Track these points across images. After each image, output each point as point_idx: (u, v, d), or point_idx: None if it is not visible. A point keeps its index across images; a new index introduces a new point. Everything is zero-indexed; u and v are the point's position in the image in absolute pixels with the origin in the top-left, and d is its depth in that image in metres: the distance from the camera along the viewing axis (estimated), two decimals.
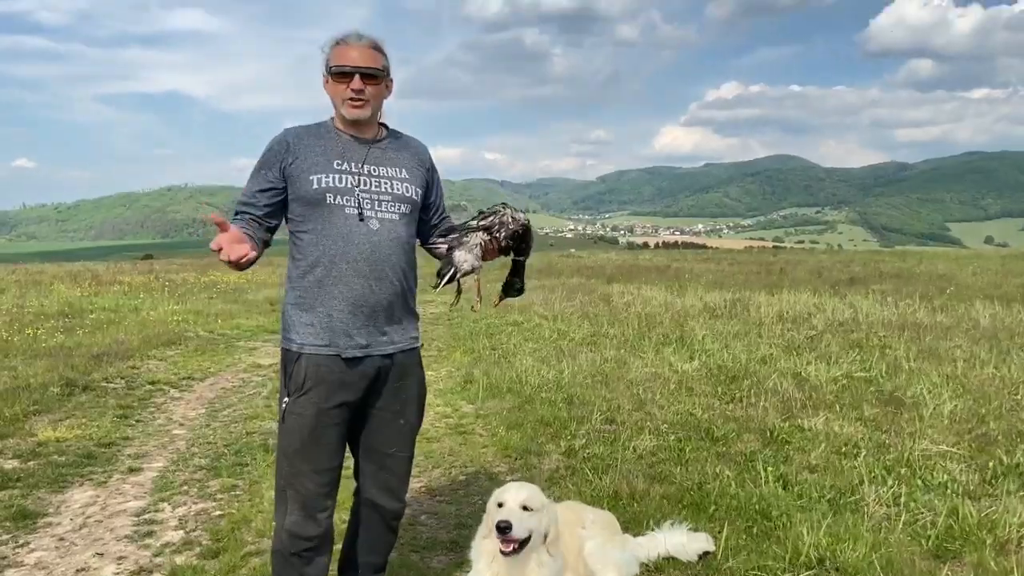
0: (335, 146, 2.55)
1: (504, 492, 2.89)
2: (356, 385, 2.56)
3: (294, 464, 2.55)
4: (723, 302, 12.54)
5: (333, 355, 2.51)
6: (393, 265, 2.56)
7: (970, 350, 8.10)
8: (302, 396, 2.51)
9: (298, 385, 2.52)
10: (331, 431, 2.56)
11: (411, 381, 2.72)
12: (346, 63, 2.48)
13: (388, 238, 2.54)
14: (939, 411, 5.63)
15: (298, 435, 2.53)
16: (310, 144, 2.55)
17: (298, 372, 2.52)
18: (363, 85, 2.49)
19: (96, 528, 3.86)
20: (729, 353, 8.10)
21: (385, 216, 2.55)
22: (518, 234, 2.65)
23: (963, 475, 4.28)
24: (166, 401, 6.62)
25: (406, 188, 2.61)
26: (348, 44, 2.51)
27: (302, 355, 2.52)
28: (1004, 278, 19.28)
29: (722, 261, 28.50)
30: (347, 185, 2.51)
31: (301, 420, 2.52)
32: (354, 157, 2.55)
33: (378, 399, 2.64)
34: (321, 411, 2.52)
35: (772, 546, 3.46)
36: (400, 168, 2.63)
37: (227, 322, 11.36)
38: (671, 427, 5.44)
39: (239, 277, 18.55)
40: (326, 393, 2.51)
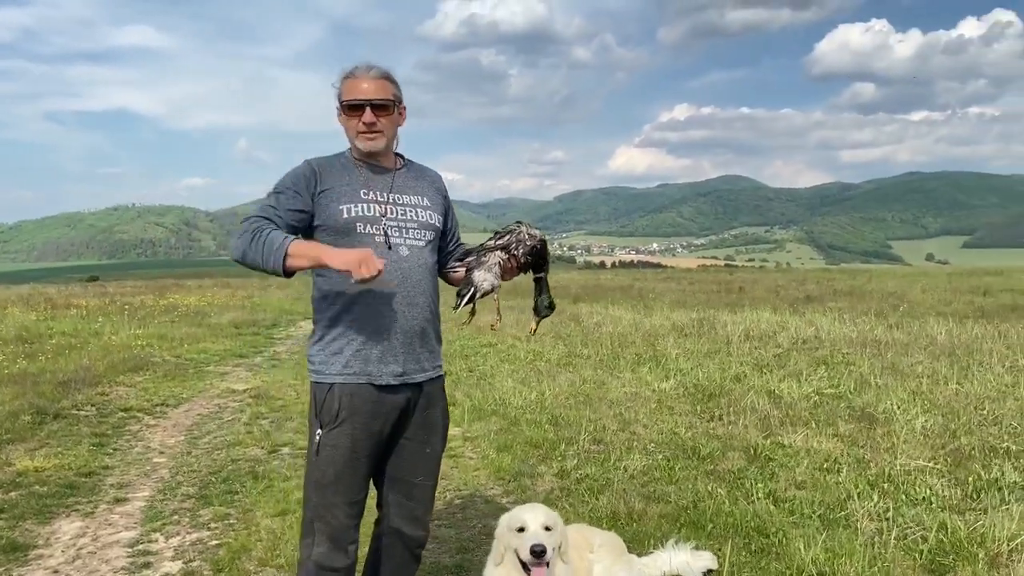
0: (358, 176, 2.57)
1: (523, 516, 2.90)
2: (389, 415, 2.56)
3: (326, 496, 2.53)
4: (690, 321, 12.76)
5: (367, 384, 2.50)
6: (423, 291, 2.57)
7: (931, 366, 8.38)
8: (336, 428, 2.49)
9: (332, 417, 2.49)
10: (364, 462, 2.56)
11: (438, 410, 2.72)
12: (356, 96, 2.50)
13: (417, 264, 2.56)
14: (911, 427, 5.82)
15: (332, 467, 2.50)
16: (335, 174, 2.55)
17: (331, 403, 2.50)
18: (375, 117, 2.50)
19: (90, 560, 3.79)
20: (703, 372, 8.26)
21: (413, 243, 2.57)
22: (536, 249, 2.67)
23: (945, 490, 4.44)
24: (141, 429, 6.50)
25: (429, 215, 2.64)
26: (357, 76, 2.53)
27: (334, 385, 2.50)
28: (953, 295, 19.98)
29: (682, 280, 28.97)
30: (375, 214, 2.52)
31: (336, 452, 2.50)
32: (379, 186, 2.57)
33: (407, 429, 2.64)
34: (356, 442, 2.51)
35: (772, 562, 3.55)
36: (422, 196, 2.65)
37: (193, 346, 11.18)
38: (658, 446, 5.53)
39: (199, 300, 18.26)
40: (361, 424, 2.50)
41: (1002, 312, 15.33)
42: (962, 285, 23.39)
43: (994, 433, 5.68)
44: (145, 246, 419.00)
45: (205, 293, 21.13)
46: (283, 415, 6.91)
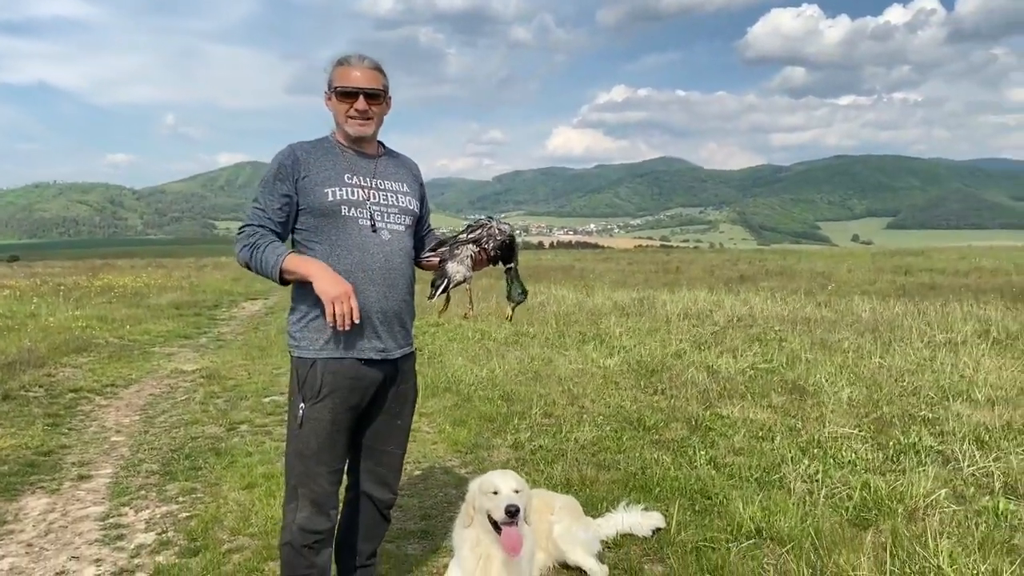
0: (342, 161, 2.70)
1: (493, 482, 3.13)
2: (367, 390, 2.72)
3: (309, 466, 2.68)
4: (631, 301, 13.16)
5: (349, 359, 2.65)
6: (403, 274, 2.74)
7: (856, 342, 8.92)
8: (319, 402, 2.64)
9: (314, 392, 2.64)
10: (343, 434, 2.73)
11: (409, 384, 2.91)
12: (350, 84, 2.63)
13: (398, 248, 2.72)
14: (838, 398, 6.27)
15: (315, 439, 2.65)
16: (318, 159, 2.67)
17: (313, 378, 2.64)
18: (367, 105, 2.64)
19: (63, 533, 3.87)
20: (645, 349, 8.62)
21: (394, 228, 2.71)
22: (505, 244, 2.88)
23: (868, 454, 4.85)
24: (94, 409, 6.49)
25: (409, 201, 2.80)
26: (351, 65, 2.66)
27: (317, 361, 2.64)
28: (876, 275, 20.97)
29: (620, 260, 29.57)
30: (359, 198, 2.65)
31: (319, 425, 2.65)
32: (362, 171, 2.71)
33: (382, 402, 2.81)
34: (336, 416, 2.66)
35: (715, 520, 3.87)
36: (402, 183, 2.81)
37: (135, 328, 11.05)
38: (605, 419, 5.83)
39: (135, 281, 17.90)
40: (341, 398, 2.66)
41: (921, 291, 16.24)
42: (885, 265, 24.53)
43: (913, 403, 6.16)
44: (68, 225, 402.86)
45: (140, 274, 20.68)
46: (236, 395, 6.98)
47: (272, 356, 8.98)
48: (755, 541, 3.64)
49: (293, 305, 2.76)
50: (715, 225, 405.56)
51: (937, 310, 11.70)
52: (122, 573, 3.44)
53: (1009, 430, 5.35)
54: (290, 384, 2.75)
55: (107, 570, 3.47)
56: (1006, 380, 6.81)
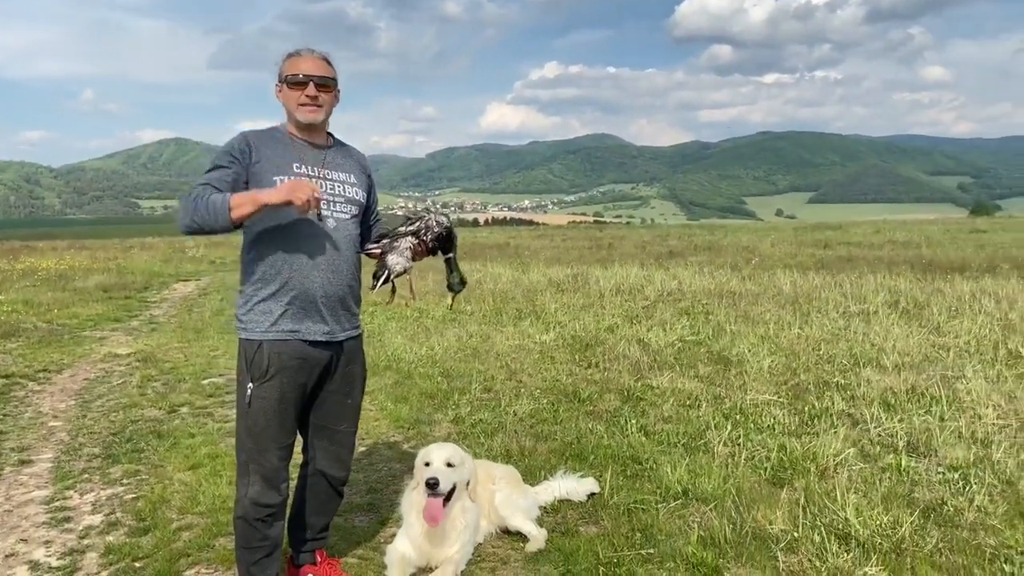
0: (292, 150, 2.81)
1: (429, 452, 3.33)
2: (314, 370, 2.86)
3: (259, 442, 2.80)
4: (565, 277, 13.45)
5: (295, 340, 2.77)
6: (347, 260, 2.86)
7: (778, 314, 9.38)
8: (266, 382, 2.76)
9: (261, 372, 2.76)
10: (291, 411, 2.86)
11: (357, 364, 3.06)
12: (301, 71, 2.76)
13: (343, 236, 2.85)
14: (760, 367, 6.65)
15: (263, 417, 2.78)
16: (269, 146, 2.78)
17: (260, 359, 2.76)
18: (317, 92, 2.77)
19: (8, 517, 3.89)
20: (580, 324, 8.89)
21: (340, 216, 2.85)
22: (442, 236, 3.03)
23: (786, 418, 5.21)
24: (28, 394, 6.40)
25: (355, 192, 2.92)
26: (301, 56, 2.80)
27: (263, 343, 2.76)
28: (798, 248, 21.81)
29: (555, 237, 29.90)
30: None
31: (266, 403, 2.77)
32: (311, 161, 2.83)
33: (330, 382, 2.95)
34: (284, 394, 2.79)
35: (645, 484, 4.14)
36: (349, 174, 2.93)
37: (63, 311, 10.79)
38: (543, 392, 6.07)
39: (59, 264, 17.33)
40: (288, 378, 2.79)
41: (839, 263, 17.00)
42: (806, 239, 25.50)
43: (827, 370, 6.58)
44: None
45: (63, 256, 19.98)
46: (174, 377, 6.96)
47: (208, 338, 8.92)
48: (682, 501, 3.92)
49: (240, 288, 2.88)
50: (646, 201, 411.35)
51: (853, 282, 12.33)
52: (72, 553, 3.50)
53: (913, 393, 5.80)
54: (238, 364, 2.86)
55: (57, 551, 3.53)
56: (912, 347, 7.31)
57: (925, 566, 3.20)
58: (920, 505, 3.80)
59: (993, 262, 16.22)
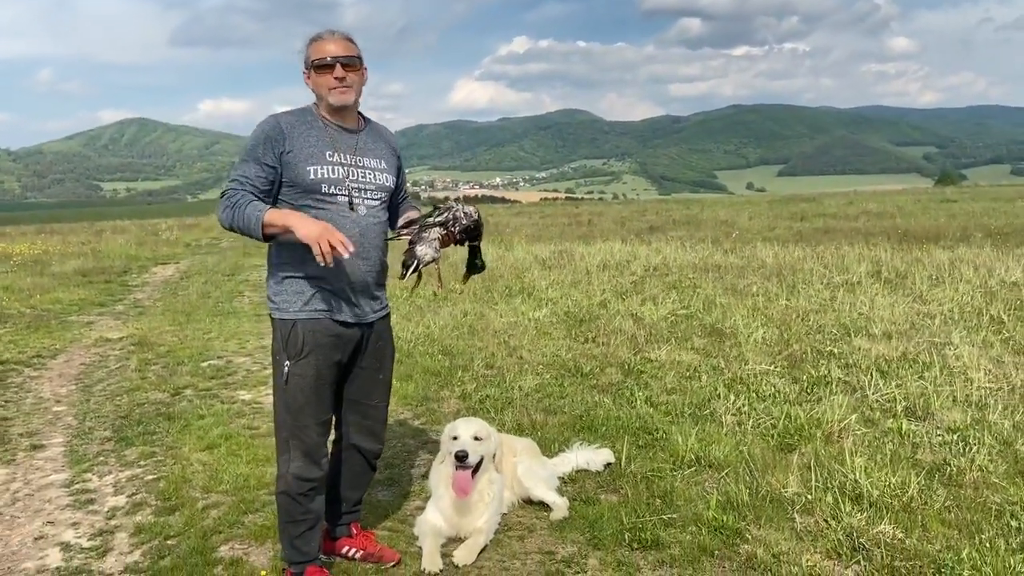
0: (324, 136, 2.83)
1: (456, 427, 3.42)
2: (346, 347, 2.93)
3: (298, 419, 2.87)
4: (550, 254, 13.52)
5: (327, 319, 2.84)
6: (376, 246, 2.92)
7: (764, 286, 9.55)
8: (302, 359, 2.83)
9: (297, 350, 2.82)
10: (327, 388, 2.93)
11: (387, 341, 3.14)
12: (326, 55, 2.78)
13: (373, 223, 2.90)
14: (753, 338, 6.79)
15: (302, 394, 2.84)
16: (302, 133, 2.79)
17: (295, 338, 2.82)
18: (344, 73, 2.79)
19: (31, 501, 3.92)
20: (571, 300, 9.00)
21: (370, 203, 2.90)
22: (470, 228, 3.03)
23: (786, 387, 5.36)
24: (25, 380, 6.36)
25: (385, 178, 2.97)
26: (324, 39, 2.82)
27: (297, 322, 2.82)
28: (775, 221, 22.09)
29: (533, 215, 29.92)
30: (339, 176, 2.81)
31: (303, 380, 2.84)
32: (344, 148, 2.86)
33: (362, 358, 3.02)
34: (320, 371, 2.86)
35: (659, 452, 4.27)
36: (380, 159, 2.97)
37: (45, 296, 10.65)
38: (545, 367, 6.16)
39: (31, 248, 17.05)
40: (324, 355, 2.85)
41: (817, 235, 17.26)
42: (783, 212, 25.78)
43: (819, 340, 6.75)
44: None
45: (34, 240, 19.60)
46: (172, 360, 6.94)
47: (199, 321, 8.88)
48: (696, 468, 4.05)
49: (271, 270, 2.93)
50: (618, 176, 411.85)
51: (833, 253, 12.55)
52: (102, 534, 3.55)
53: (905, 360, 5.99)
54: (273, 344, 2.92)
55: (86, 532, 3.57)
56: (898, 315, 7.52)
57: (936, 523, 3.35)
58: (925, 466, 3.96)
59: (966, 231, 16.58)
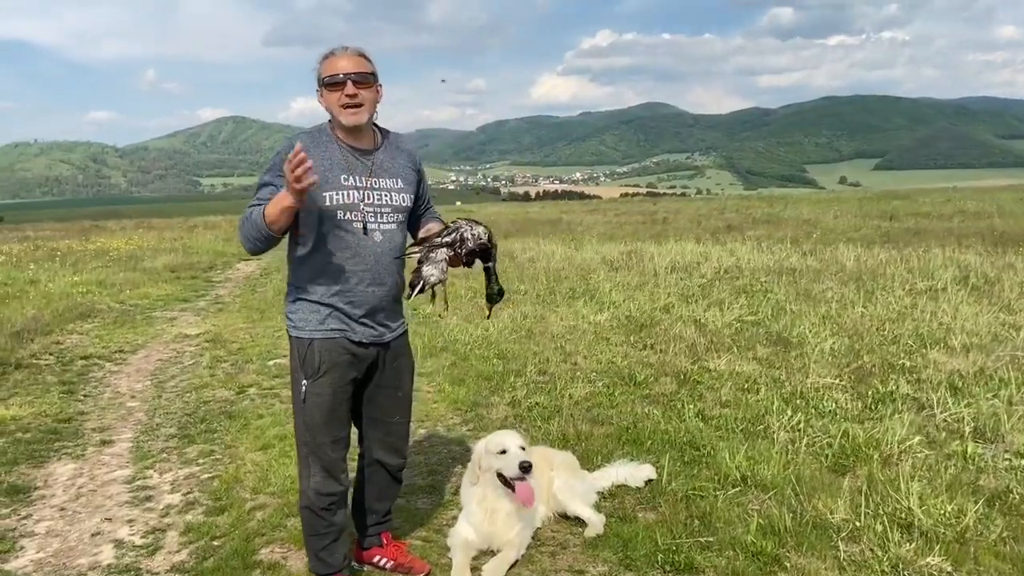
0: (339, 159, 2.78)
1: (504, 440, 3.37)
2: (362, 365, 2.95)
3: (316, 436, 2.90)
4: (619, 254, 13.38)
5: (343, 338, 2.85)
6: (392, 272, 2.90)
7: (840, 292, 9.21)
8: (319, 378, 2.84)
9: (314, 369, 2.83)
10: (344, 405, 2.96)
11: (404, 359, 3.14)
12: (337, 71, 2.71)
13: (388, 247, 2.86)
14: (821, 349, 6.55)
15: (319, 412, 2.87)
16: (317, 156, 2.72)
17: (312, 357, 2.83)
18: (356, 90, 2.71)
19: (93, 497, 4.12)
20: (634, 304, 8.87)
21: (386, 227, 2.86)
22: (477, 251, 2.88)
23: (848, 403, 5.14)
24: (105, 375, 6.72)
25: (403, 198, 2.91)
26: (336, 55, 2.75)
27: (314, 341, 2.82)
28: (862, 220, 21.23)
29: (608, 212, 29.70)
30: (353, 201, 2.77)
31: (321, 399, 2.86)
32: (358, 170, 2.81)
33: (380, 376, 3.04)
34: (336, 390, 2.88)
35: (703, 470, 4.16)
36: (397, 178, 2.90)
37: (135, 292, 11.23)
38: (598, 375, 6.10)
39: (128, 243, 17.96)
40: (340, 373, 2.88)
41: (905, 236, 16.52)
42: (872, 210, 24.78)
43: (892, 351, 6.45)
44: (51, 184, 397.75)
45: (131, 236, 20.71)
46: (242, 358, 7.20)
47: (272, 319, 9.18)
48: (741, 488, 3.92)
49: (288, 288, 2.95)
50: (702, 171, 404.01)
51: (920, 256, 11.99)
52: (154, 532, 3.70)
53: (981, 376, 5.66)
54: (291, 362, 2.95)
55: (140, 529, 3.73)
56: (981, 326, 7.11)
57: (989, 556, 3.16)
58: (985, 493, 3.74)
59: None
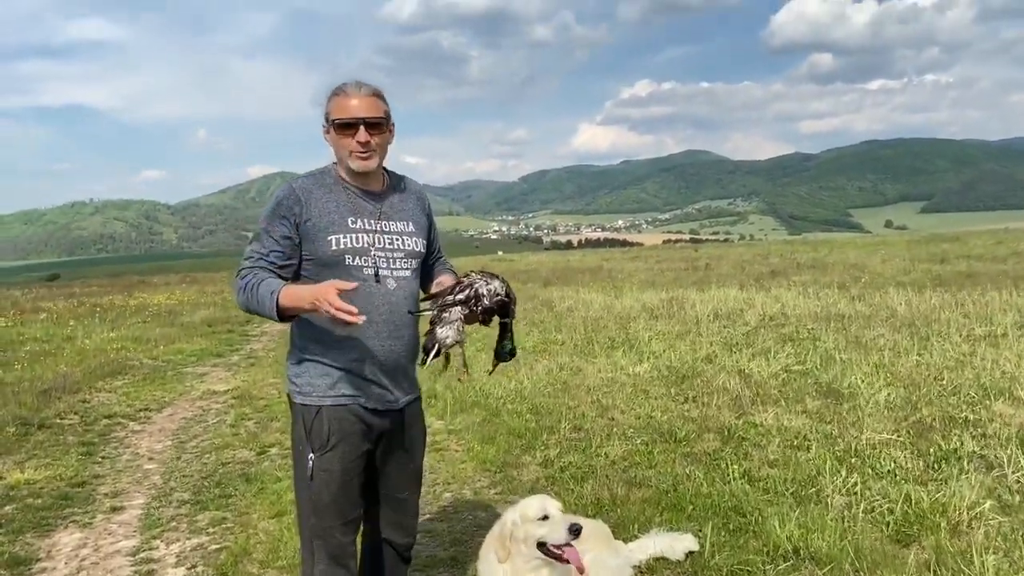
0: (346, 201, 2.54)
1: (543, 507, 2.98)
2: (374, 435, 2.64)
3: (323, 518, 2.58)
4: (659, 302, 13.02)
5: (355, 406, 2.56)
6: (408, 322, 2.61)
7: (892, 339, 8.71)
8: (328, 452, 2.54)
9: (323, 441, 2.53)
10: (356, 482, 2.63)
11: (417, 428, 2.83)
12: (349, 115, 2.46)
13: (404, 296, 2.59)
14: (875, 400, 6.11)
15: (327, 491, 2.55)
16: (320, 198, 2.51)
17: (320, 427, 2.54)
18: (368, 136, 2.47)
19: (94, 570, 3.90)
20: (675, 354, 8.50)
21: (400, 274, 2.59)
22: (493, 309, 2.57)
23: (908, 462, 4.70)
24: (127, 435, 6.56)
25: (415, 242, 2.65)
26: (348, 94, 2.48)
27: (323, 408, 2.54)
28: (911, 264, 20.53)
29: (649, 259, 29.33)
30: (363, 245, 2.52)
31: (330, 476, 2.54)
32: (367, 213, 2.56)
33: (390, 448, 2.72)
34: (347, 465, 2.57)
35: (750, 540, 3.77)
36: (407, 221, 2.66)
37: (169, 347, 11.18)
38: (636, 431, 5.74)
39: (169, 298, 18.15)
40: (352, 446, 2.56)
41: (958, 280, 15.84)
42: (920, 253, 24.02)
43: (953, 403, 5.98)
44: (105, 241, 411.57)
45: (173, 291, 20.99)
46: (267, 415, 7.01)
47: None
48: (792, 562, 3.54)
49: (292, 347, 2.65)
50: (744, 216, 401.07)
51: (975, 301, 11.40)
52: None
53: None
54: (293, 431, 2.65)
55: None
56: None
57: None
58: None
59: None
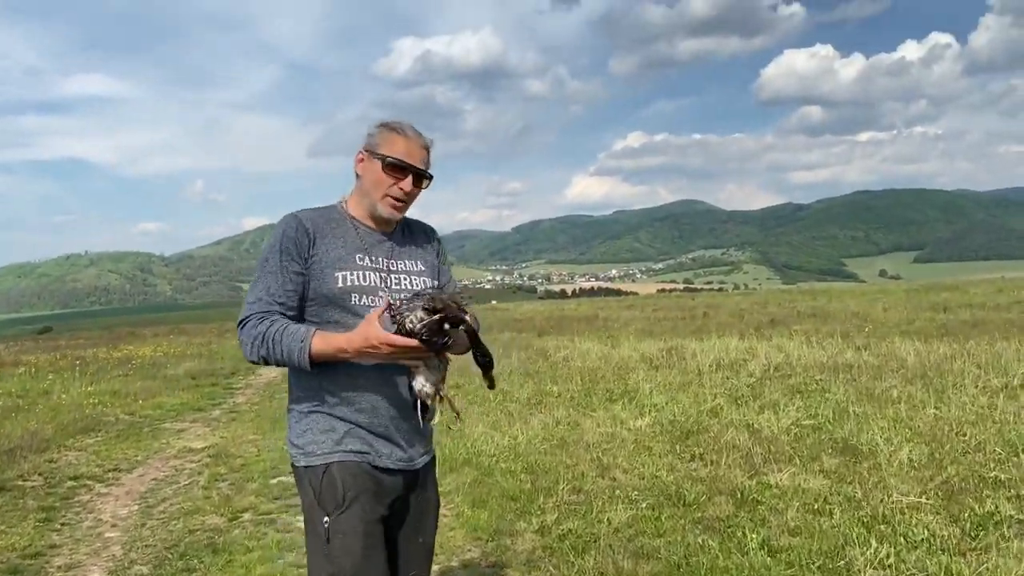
0: (353, 237, 2.33)
1: None
2: (388, 498, 2.30)
3: None
4: (658, 351, 12.61)
5: (366, 463, 2.24)
6: None
7: (906, 390, 8.30)
8: (345, 511, 2.20)
9: (338, 501, 2.20)
10: (380, 548, 2.26)
11: (430, 492, 2.48)
12: (407, 159, 2.30)
13: None
14: (898, 459, 5.68)
15: (349, 558, 2.19)
16: (328, 233, 2.30)
17: (331, 484, 2.21)
18: (413, 188, 2.33)
19: None
20: (678, 406, 8.07)
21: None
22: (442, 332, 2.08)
23: (942, 529, 4.27)
24: (92, 498, 6.07)
25: (424, 282, 2.42)
26: (407, 136, 2.32)
27: (331, 465, 2.21)
28: (914, 312, 20.22)
29: (645, 308, 28.99)
30: (372, 283, 2.30)
31: (351, 538, 2.19)
32: (376, 251, 2.35)
33: (399, 516, 2.38)
34: (368, 525, 2.22)
35: None
36: (417, 261, 2.44)
37: (148, 401, 10.70)
38: (641, 493, 5.29)
39: (155, 350, 17.69)
40: (369, 504, 2.23)
41: (964, 329, 15.51)
42: (922, 302, 23.74)
43: (980, 460, 5.56)
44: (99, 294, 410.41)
45: (161, 342, 20.50)
46: (243, 475, 6.53)
47: (284, 429, 8.55)
48: None
49: (291, 405, 2.34)
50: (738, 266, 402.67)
51: (986, 351, 11.02)
52: None
53: None
54: (303, 500, 2.30)
55: None
56: None
57: None
58: None
59: None
